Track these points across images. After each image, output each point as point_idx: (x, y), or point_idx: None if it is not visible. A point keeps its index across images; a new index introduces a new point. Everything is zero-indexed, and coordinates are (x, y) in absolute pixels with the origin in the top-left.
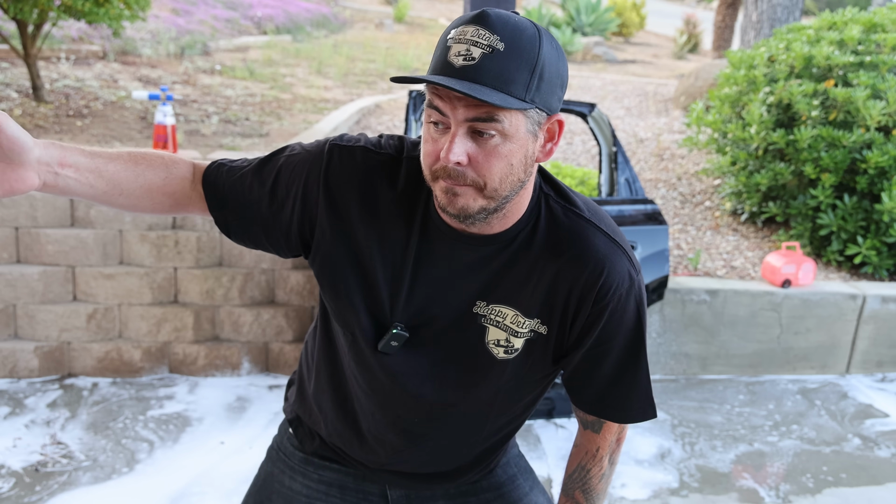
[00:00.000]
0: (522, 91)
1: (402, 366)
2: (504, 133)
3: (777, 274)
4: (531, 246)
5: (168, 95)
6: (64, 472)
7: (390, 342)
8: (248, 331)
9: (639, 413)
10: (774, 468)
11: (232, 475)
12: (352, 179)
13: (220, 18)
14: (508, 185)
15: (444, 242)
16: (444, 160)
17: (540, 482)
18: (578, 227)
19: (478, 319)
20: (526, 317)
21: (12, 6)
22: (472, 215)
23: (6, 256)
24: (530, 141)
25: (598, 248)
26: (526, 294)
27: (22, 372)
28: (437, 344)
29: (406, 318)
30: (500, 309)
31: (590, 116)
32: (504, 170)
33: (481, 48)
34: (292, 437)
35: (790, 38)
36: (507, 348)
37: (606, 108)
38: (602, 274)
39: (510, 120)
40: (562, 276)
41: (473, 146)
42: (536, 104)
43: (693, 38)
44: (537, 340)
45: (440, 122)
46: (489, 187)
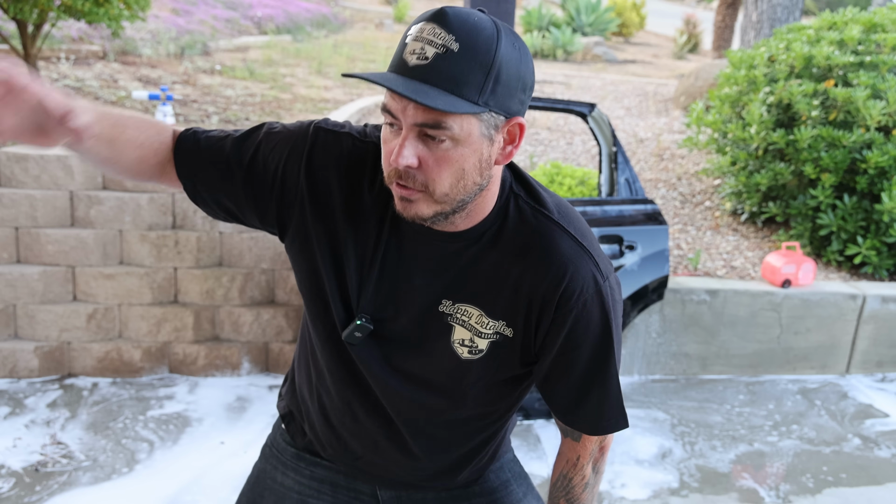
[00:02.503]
0: (475, 94)
1: (367, 358)
2: (455, 138)
3: (777, 274)
4: (497, 246)
5: (168, 95)
6: (64, 472)
7: (354, 332)
8: (248, 331)
9: (610, 424)
10: (774, 468)
11: (232, 475)
12: (335, 165)
13: (220, 18)
14: (461, 189)
15: (413, 238)
16: (393, 162)
17: (534, 487)
18: (545, 228)
19: (444, 318)
20: (490, 318)
21: (12, 6)
22: (427, 219)
23: (6, 256)
24: (485, 145)
25: (562, 252)
26: (491, 295)
27: (22, 372)
28: (402, 339)
29: (372, 309)
30: (466, 308)
31: (590, 116)
32: (455, 175)
33: (435, 48)
34: (284, 432)
35: (790, 38)
36: (471, 348)
37: (606, 108)
38: (564, 278)
39: (461, 124)
40: (525, 279)
41: (424, 149)
42: (491, 107)
43: (693, 38)
44: (502, 343)
45: (394, 124)
46: (438, 192)
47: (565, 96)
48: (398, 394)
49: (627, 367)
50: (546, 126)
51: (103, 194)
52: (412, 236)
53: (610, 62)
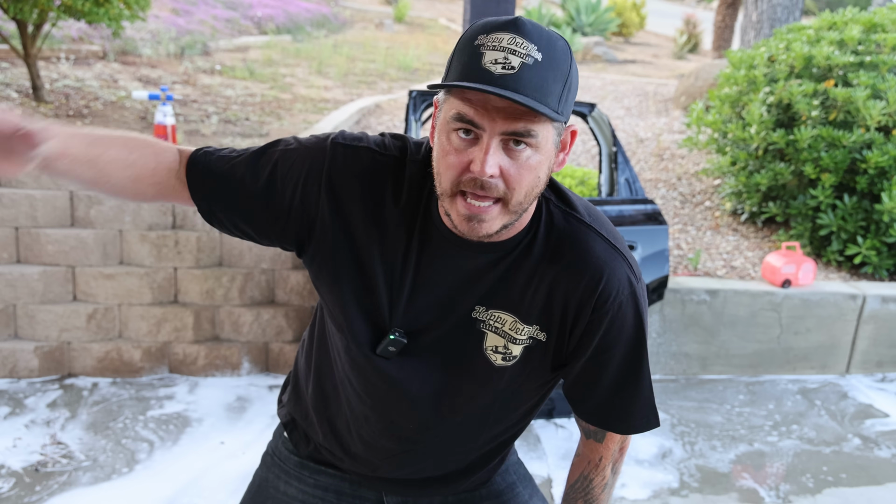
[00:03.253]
0: (556, 103)
1: (399, 371)
2: (536, 146)
3: (777, 274)
4: (531, 251)
5: (168, 95)
6: (64, 472)
7: (388, 347)
8: (248, 331)
9: (642, 423)
10: (774, 468)
11: (232, 475)
12: (356, 181)
13: (220, 18)
14: (532, 198)
15: (446, 249)
16: (480, 173)
17: (539, 490)
18: (578, 232)
19: (476, 325)
20: (525, 323)
21: (12, 6)
22: (493, 235)
23: (6, 256)
24: (554, 153)
25: (597, 255)
26: (525, 300)
27: (22, 372)
28: (435, 350)
29: (405, 324)
30: (499, 315)
31: (590, 116)
32: (532, 182)
33: (520, 57)
34: (287, 440)
35: (790, 38)
36: (505, 355)
37: (606, 108)
38: (601, 281)
39: (544, 133)
40: (560, 283)
41: (505, 158)
42: (564, 117)
43: (693, 38)
44: (536, 348)
45: (471, 132)
46: (514, 200)
47: None
48: (427, 404)
49: None
50: None
51: (103, 194)
52: (444, 248)
53: (610, 62)
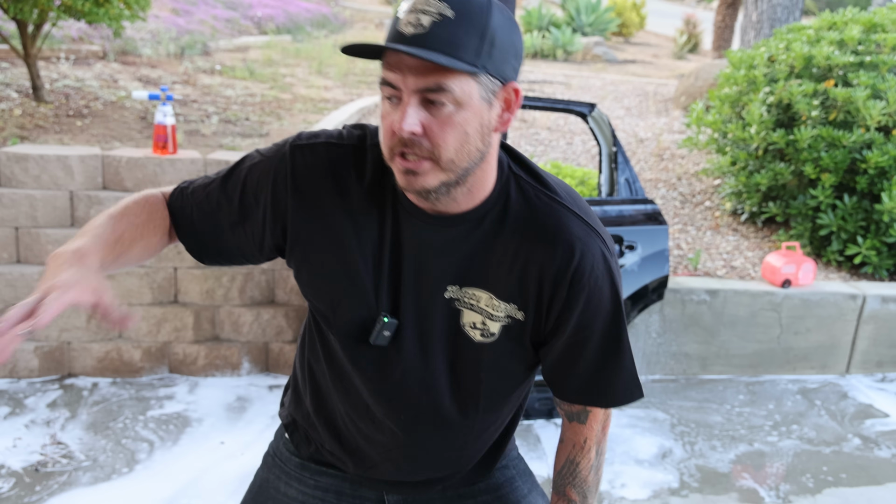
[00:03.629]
0: (472, 56)
1: (386, 357)
2: (457, 101)
3: (777, 274)
4: (502, 227)
5: (168, 95)
6: (64, 472)
7: (382, 332)
8: (248, 331)
9: (626, 394)
10: (774, 468)
11: (232, 475)
12: (320, 176)
13: (220, 18)
14: (466, 155)
15: (416, 226)
16: (399, 130)
17: (539, 484)
18: (552, 209)
19: (452, 303)
20: (501, 300)
21: (12, 6)
22: (433, 191)
23: (6, 256)
24: (485, 109)
25: (571, 231)
26: (499, 277)
27: (22, 372)
28: (419, 331)
29: (391, 306)
30: (473, 292)
31: (590, 116)
32: (459, 138)
33: (430, 16)
34: (288, 441)
35: (790, 38)
36: (483, 331)
37: (606, 108)
38: (575, 257)
39: (461, 87)
40: (534, 260)
41: (427, 116)
42: (488, 70)
43: (693, 38)
44: (514, 327)
45: (393, 97)
46: (444, 158)
47: (565, 96)
48: (418, 386)
49: None
50: (546, 126)
51: (103, 194)
52: (415, 224)
53: (610, 62)
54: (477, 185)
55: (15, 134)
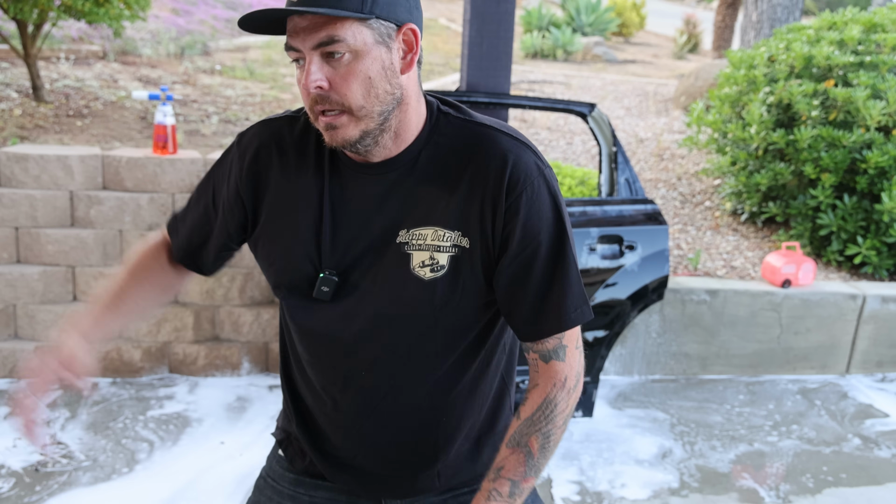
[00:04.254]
0: (358, 4)
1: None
2: (353, 50)
3: (777, 274)
4: (436, 161)
5: (168, 95)
6: (64, 472)
7: (321, 287)
8: (248, 331)
9: (577, 315)
10: (774, 468)
11: (232, 475)
12: (261, 152)
13: (220, 18)
14: (375, 99)
15: (352, 179)
16: (306, 87)
17: (538, 494)
18: (480, 131)
19: (401, 248)
20: (445, 229)
21: (12, 6)
22: (356, 142)
23: (6, 256)
24: (383, 52)
25: (500, 145)
26: (441, 209)
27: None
28: (370, 282)
29: (334, 263)
30: (419, 231)
31: (590, 116)
32: (363, 85)
33: None
34: (282, 458)
35: (790, 38)
36: (432, 266)
37: (606, 108)
38: (507, 166)
39: (353, 35)
40: (472, 182)
41: (330, 70)
42: (377, 14)
43: (693, 38)
44: (462, 256)
45: (299, 59)
46: (355, 106)
47: (565, 96)
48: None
49: (627, 367)
50: (546, 126)
51: (103, 194)
52: (352, 178)
53: (610, 62)
54: (402, 128)
55: (15, 134)
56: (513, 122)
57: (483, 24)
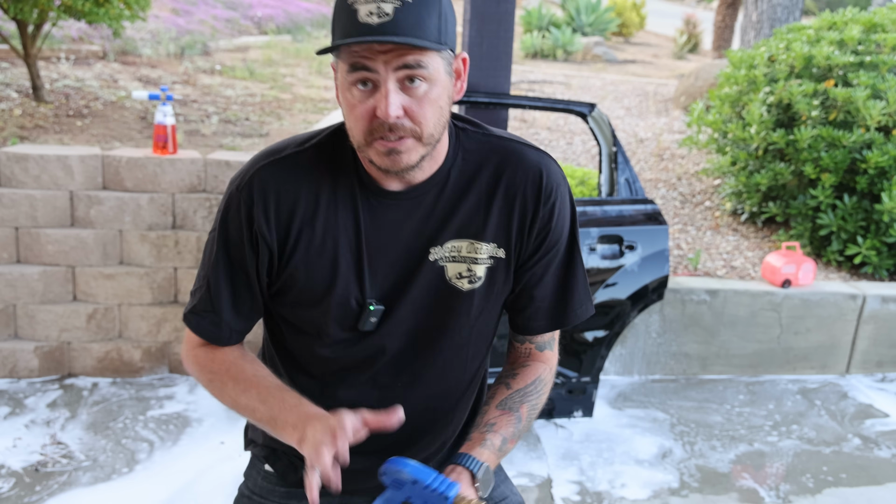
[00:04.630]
0: (436, 35)
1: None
2: (429, 78)
3: (777, 274)
4: (466, 177)
5: (168, 95)
6: (64, 472)
7: (369, 319)
8: None
9: (584, 310)
10: (774, 468)
11: (232, 475)
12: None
13: (220, 18)
14: (440, 127)
15: (383, 205)
16: (385, 116)
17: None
18: (505, 146)
19: (436, 263)
20: (481, 242)
21: (12, 6)
22: (414, 167)
23: (6, 256)
24: (449, 81)
25: (530, 158)
26: (477, 223)
27: (22, 372)
28: (409, 303)
29: (377, 292)
30: (453, 244)
31: (590, 116)
32: (436, 114)
33: (391, 3)
34: (270, 473)
35: (790, 37)
36: (469, 278)
37: (606, 108)
38: (542, 176)
39: (433, 64)
40: (507, 194)
41: (405, 97)
42: (448, 45)
43: (693, 38)
44: (498, 266)
45: (367, 81)
46: (426, 134)
47: (565, 96)
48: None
49: (627, 367)
50: (546, 126)
51: (103, 194)
52: (382, 204)
53: (610, 62)
54: (438, 150)
55: (15, 134)
56: (513, 123)
57: (483, 24)
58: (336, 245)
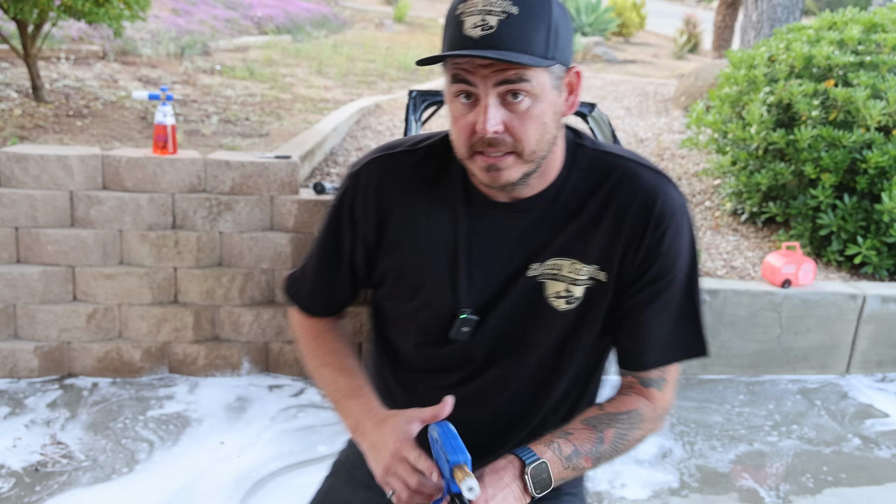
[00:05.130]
0: (543, 49)
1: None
2: (533, 94)
3: (777, 274)
4: (577, 196)
5: (168, 95)
6: (64, 472)
7: (461, 328)
8: (248, 331)
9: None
10: (774, 468)
11: (232, 475)
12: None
13: (220, 18)
14: (545, 144)
15: (487, 215)
16: (483, 131)
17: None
18: (622, 165)
19: (535, 279)
20: (584, 264)
21: (12, 6)
22: (515, 183)
23: (6, 256)
24: (556, 97)
25: (646, 180)
26: (581, 243)
27: (22, 372)
28: (503, 316)
29: (472, 301)
30: (555, 262)
31: (590, 116)
32: (539, 130)
33: (496, 15)
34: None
35: (790, 37)
36: (567, 298)
37: (606, 108)
38: (654, 202)
39: (537, 79)
40: (616, 217)
41: (506, 113)
42: (557, 60)
43: (693, 38)
44: (597, 289)
45: (470, 94)
46: (527, 150)
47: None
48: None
49: None
50: None
51: (103, 194)
52: (487, 215)
53: (610, 62)
54: (548, 166)
55: (15, 134)
56: None
57: None
58: (432, 249)
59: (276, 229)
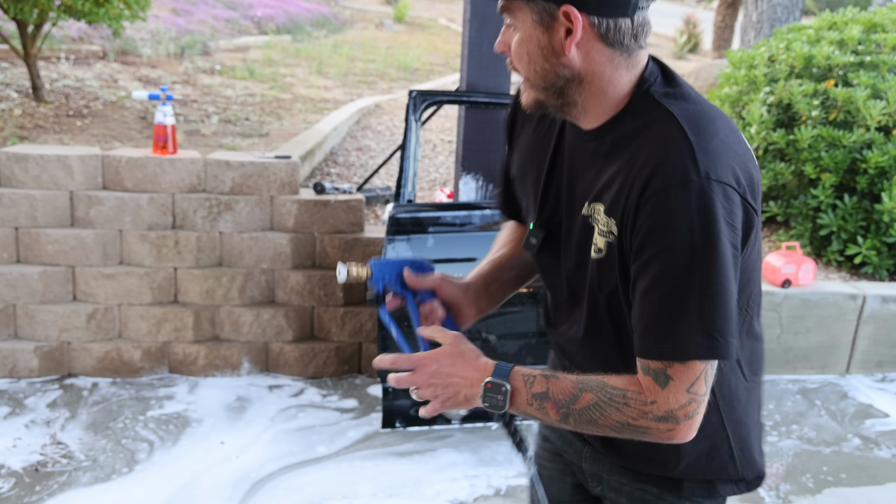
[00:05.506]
0: None
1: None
2: (515, 26)
3: (777, 274)
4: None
5: (168, 95)
6: (64, 472)
7: (530, 239)
8: (248, 331)
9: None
10: (774, 468)
11: (232, 475)
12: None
13: (220, 18)
14: (536, 74)
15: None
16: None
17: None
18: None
19: (587, 220)
20: (606, 215)
21: (12, 6)
22: (532, 106)
23: (6, 256)
24: (540, 32)
25: (669, 145)
26: (608, 191)
27: (22, 372)
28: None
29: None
30: (595, 206)
31: None
32: (523, 59)
33: None
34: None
35: (790, 37)
36: (597, 245)
37: None
38: (651, 165)
39: (518, 14)
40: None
41: (506, 39)
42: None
43: (693, 38)
44: (613, 244)
45: None
46: (523, 75)
47: None
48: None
49: None
50: None
51: (103, 194)
52: (573, 143)
53: None
54: (593, 104)
55: (15, 134)
56: None
57: (483, 24)
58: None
59: (276, 229)
